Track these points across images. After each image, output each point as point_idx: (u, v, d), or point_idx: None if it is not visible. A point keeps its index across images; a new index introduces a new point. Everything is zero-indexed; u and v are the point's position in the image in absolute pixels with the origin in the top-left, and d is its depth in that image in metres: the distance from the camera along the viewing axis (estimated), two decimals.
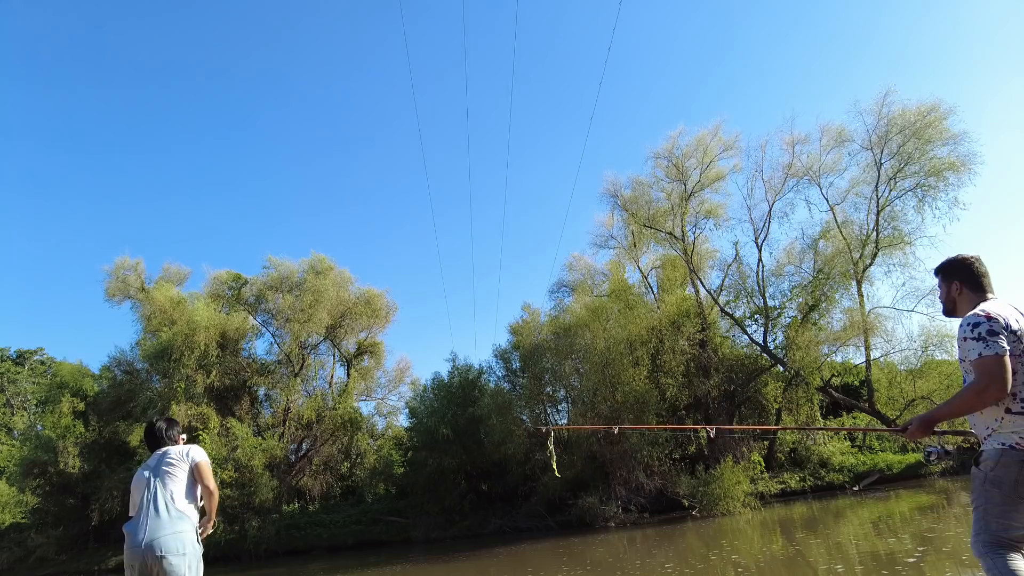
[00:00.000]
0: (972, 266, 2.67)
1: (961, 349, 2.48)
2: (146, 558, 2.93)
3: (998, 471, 2.41)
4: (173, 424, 3.64)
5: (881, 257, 19.18)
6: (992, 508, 2.44)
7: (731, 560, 9.43)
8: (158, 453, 3.38)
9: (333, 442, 24.07)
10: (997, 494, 2.42)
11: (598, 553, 12.42)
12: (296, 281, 24.18)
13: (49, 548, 21.26)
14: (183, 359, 20.78)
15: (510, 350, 22.22)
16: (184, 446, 3.44)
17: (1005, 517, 2.41)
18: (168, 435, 3.51)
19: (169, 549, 2.94)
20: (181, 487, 3.20)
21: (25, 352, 42.97)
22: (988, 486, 2.45)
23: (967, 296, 2.66)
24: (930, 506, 13.70)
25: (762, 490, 17.62)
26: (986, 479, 2.46)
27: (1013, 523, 2.40)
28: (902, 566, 7.36)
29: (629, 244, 22.86)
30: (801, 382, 19.29)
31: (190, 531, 3.10)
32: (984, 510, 2.47)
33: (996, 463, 2.43)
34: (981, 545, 2.45)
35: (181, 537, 3.02)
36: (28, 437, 27.31)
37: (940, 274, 2.79)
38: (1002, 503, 2.41)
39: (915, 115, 18.33)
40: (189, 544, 3.04)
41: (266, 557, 19.68)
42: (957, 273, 2.70)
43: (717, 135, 21.26)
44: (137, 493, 3.24)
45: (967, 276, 2.67)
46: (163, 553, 2.92)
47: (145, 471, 3.30)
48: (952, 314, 2.78)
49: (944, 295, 2.78)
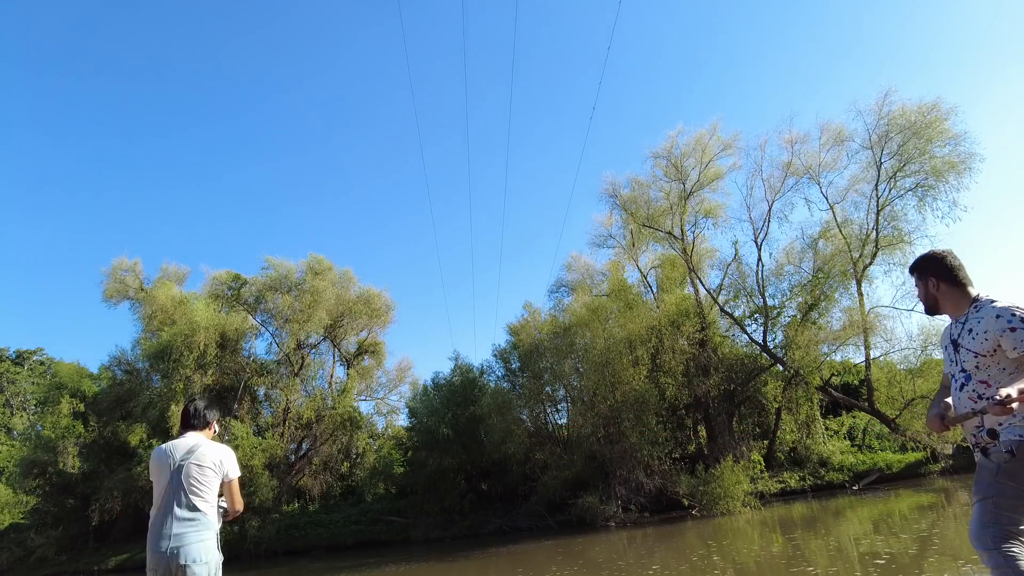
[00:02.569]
0: (945, 259, 2.65)
1: (1009, 338, 2.39)
2: (171, 565, 2.96)
3: (1013, 463, 2.35)
4: (212, 407, 3.46)
5: (881, 256, 19.20)
6: (1004, 500, 2.37)
7: (731, 560, 9.44)
8: (189, 444, 3.21)
9: (333, 442, 24.07)
10: (1011, 486, 2.36)
11: (595, 553, 12.42)
12: (295, 281, 24.20)
13: (49, 548, 21.26)
14: (183, 359, 20.78)
15: (509, 350, 22.22)
16: (219, 450, 3.26)
17: (1016, 511, 2.35)
18: (203, 416, 3.36)
19: (194, 558, 2.97)
20: (208, 494, 3.16)
21: (24, 352, 42.95)
22: (1002, 477, 2.38)
23: (946, 290, 2.64)
24: (930, 505, 13.69)
25: (762, 489, 17.61)
26: (1000, 470, 2.39)
27: (1023, 516, 2.34)
28: (902, 565, 7.36)
29: (628, 244, 22.87)
30: (801, 381, 19.30)
31: (213, 539, 3.11)
32: (995, 501, 2.39)
33: (1016, 451, 2.35)
34: (990, 538, 2.36)
35: (206, 545, 3.05)
36: (28, 437, 27.34)
37: (915, 272, 2.77)
38: (1015, 496, 2.35)
39: (916, 114, 18.33)
40: (212, 552, 3.07)
41: (266, 557, 19.68)
42: (931, 269, 2.68)
43: (715, 134, 21.29)
44: (159, 483, 3.14)
45: (942, 271, 2.65)
46: (187, 562, 2.95)
47: (170, 460, 3.15)
48: (935, 311, 2.75)
49: (923, 293, 2.75)
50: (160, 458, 3.19)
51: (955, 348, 2.62)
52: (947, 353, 2.71)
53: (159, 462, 3.19)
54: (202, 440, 3.28)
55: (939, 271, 2.66)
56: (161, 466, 3.17)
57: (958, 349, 2.60)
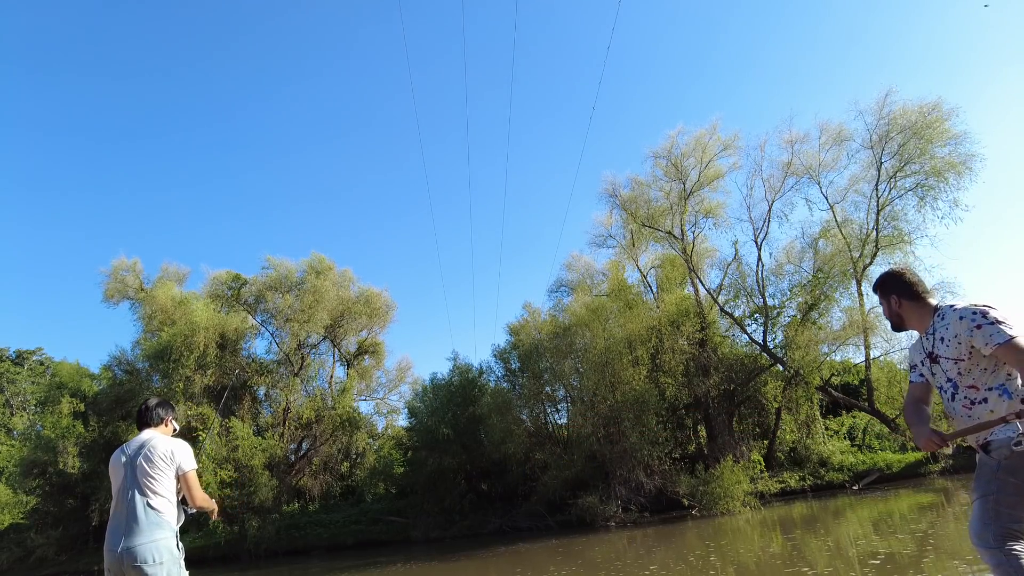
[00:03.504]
0: (903, 276, 2.76)
1: (978, 337, 2.42)
2: (123, 565, 2.89)
3: (1013, 459, 2.35)
4: (164, 405, 3.42)
5: (881, 256, 19.20)
6: (1005, 498, 2.36)
7: (731, 559, 9.44)
8: (141, 440, 3.19)
9: (333, 442, 24.07)
10: (1012, 483, 2.35)
11: (594, 553, 12.42)
12: (295, 281, 24.20)
13: (49, 548, 21.25)
14: (183, 359, 20.79)
15: (509, 350, 22.23)
16: (170, 443, 3.20)
17: (1017, 508, 2.35)
18: (155, 414, 3.32)
19: (145, 559, 2.88)
20: (162, 491, 3.06)
21: (24, 352, 42.95)
22: (1002, 474, 2.38)
23: (908, 306, 2.73)
24: (930, 505, 13.68)
25: (762, 489, 17.61)
26: (1000, 467, 2.39)
27: (1023, 514, 2.34)
28: (901, 565, 7.36)
29: (628, 243, 22.87)
30: (801, 381, 19.30)
31: (169, 537, 3.01)
32: (995, 499, 2.39)
33: (1011, 451, 2.36)
34: (991, 537, 2.36)
35: (159, 545, 2.94)
36: (28, 437, 27.33)
37: (877, 292, 2.87)
38: (1015, 493, 2.35)
39: (916, 114, 18.34)
40: (166, 551, 2.96)
41: (266, 557, 19.68)
42: (891, 287, 2.78)
43: (715, 134, 21.31)
44: (114, 483, 3.12)
45: (901, 288, 2.75)
46: (139, 563, 2.87)
47: (123, 457, 3.14)
48: (901, 327, 2.83)
49: (887, 311, 2.84)
50: (115, 458, 3.18)
51: (933, 360, 2.65)
52: (923, 367, 2.75)
53: (114, 462, 3.18)
54: (154, 435, 3.24)
55: (898, 288, 2.75)
56: (115, 466, 3.16)
57: (936, 360, 2.62)
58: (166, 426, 3.39)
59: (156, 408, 3.36)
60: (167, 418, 3.40)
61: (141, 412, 3.35)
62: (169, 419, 3.42)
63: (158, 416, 3.35)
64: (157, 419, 3.34)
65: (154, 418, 3.33)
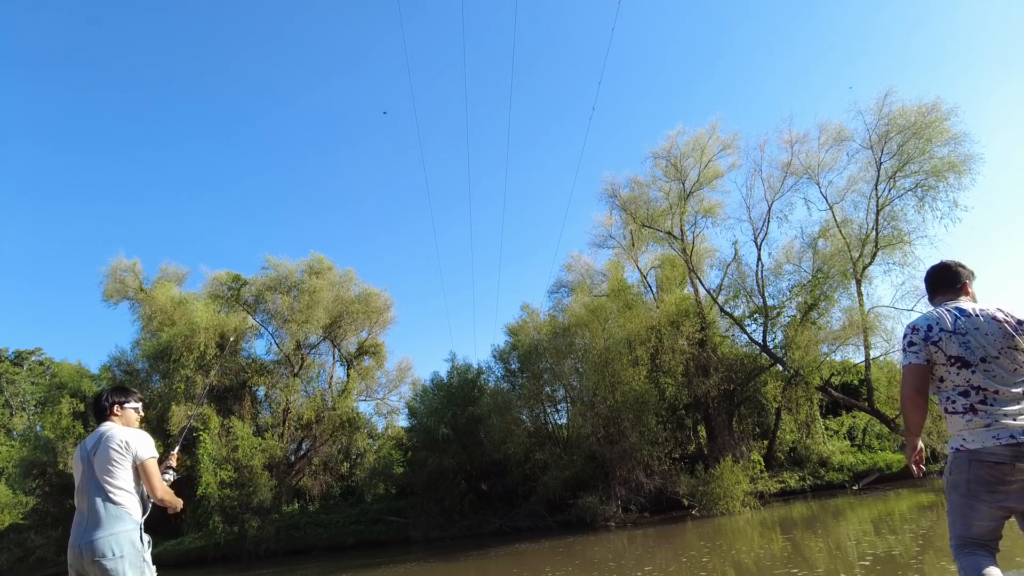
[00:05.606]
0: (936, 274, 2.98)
1: None
2: (83, 560, 2.82)
3: (954, 475, 2.56)
4: (118, 390, 3.24)
5: (881, 256, 19.17)
6: (954, 510, 2.60)
7: (730, 559, 9.43)
8: (98, 433, 3.06)
9: (333, 442, 24.06)
10: (955, 497, 2.57)
11: (593, 553, 12.42)
12: (295, 281, 24.16)
13: (49, 548, 21.23)
14: (183, 360, 20.79)
15: (508, 351, 22.22)
16: (126, 432, 3.04)
17: (965, 518, 2.55)
18: (109, 403, 3.17)
19: (104, 552, 2.78)
20: (120, 483, 2.93)
21: (23, 352, 42.91)
22: (949, 489, 2.61)
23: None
24: (930, 505, 13.68)
25: (761, 489, 17.62)
26: (946, 483, 2.62)
27: (974, 522, 2.53)
28: (900, 565, 7.35)
29: (628, 244, 22.85)
30: (801, 381, 19.28)
31: (131, 530, 2.89)
32: (949, 513, 2.64)
33: (951, 467, 2.58)
34: (952, 548, 2.64)
35: (119, 538, 2.83)
36: (27, 438, 27.29)
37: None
38: (959, 505, 2.56)
39: (915, 114, 18.31)
40: (127, 544, 2.84)
41: (266, 557, 19.68)
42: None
43: (715, 134, 21.27)
44: (76, 479, 3.04)
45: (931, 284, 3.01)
46: (97, 557, 2.78)
47: (82, 452, 3.03)
48: None
49: None
50: (76, 454, 3.12)
51: None
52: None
53: (75, 459, 3.12)
54: (112, 427, 3.10)
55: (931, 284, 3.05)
56: (75, 462, 3.09)
57: None
58: (123, 411, 3.22)
59: (110, 395, 3.21)
60: (122, 402, 3.22)
61: (96, 404, 3.22)
62: (127, 404, 3.24)
63: (111, 402, 3.19)
64: (111, 406, 3.18)
65: (108, 407, 3.18)
